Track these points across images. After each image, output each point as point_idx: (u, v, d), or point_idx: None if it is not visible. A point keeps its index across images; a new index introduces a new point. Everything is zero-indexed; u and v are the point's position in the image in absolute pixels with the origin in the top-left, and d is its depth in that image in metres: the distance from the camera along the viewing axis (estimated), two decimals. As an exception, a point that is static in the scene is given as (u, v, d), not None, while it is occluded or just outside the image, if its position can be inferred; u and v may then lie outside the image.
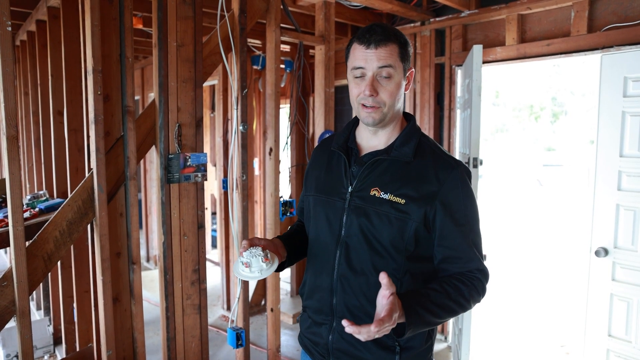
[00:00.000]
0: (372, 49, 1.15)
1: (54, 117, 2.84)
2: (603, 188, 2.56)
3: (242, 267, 1.17)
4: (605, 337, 2.59)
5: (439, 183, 1.16)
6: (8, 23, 1.70)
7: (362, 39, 1.16)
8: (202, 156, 2.31)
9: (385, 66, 1.15)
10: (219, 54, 2.40)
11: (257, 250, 1.18)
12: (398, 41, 1.17)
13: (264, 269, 1.17)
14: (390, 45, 1.15)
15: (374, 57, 1.15)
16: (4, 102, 1.73)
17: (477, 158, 2.65)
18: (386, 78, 1.16)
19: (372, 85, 1.15)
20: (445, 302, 1.12)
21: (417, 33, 3.51)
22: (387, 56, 1.15)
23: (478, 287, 1.17)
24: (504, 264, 5.92)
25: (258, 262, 1.16)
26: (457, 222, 1.17)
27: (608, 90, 2.51)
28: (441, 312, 1.11)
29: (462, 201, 1.17)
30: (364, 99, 1.17)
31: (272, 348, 2.91)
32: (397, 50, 1.16)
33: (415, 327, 1.06)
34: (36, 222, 2.15)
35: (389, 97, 1.17)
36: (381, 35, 1.15)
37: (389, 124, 1.23)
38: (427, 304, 1.09)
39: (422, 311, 1.07)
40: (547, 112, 22.02)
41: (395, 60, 1.16)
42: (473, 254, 1.18)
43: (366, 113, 1.19)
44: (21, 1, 3.03)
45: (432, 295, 1.11)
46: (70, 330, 2.87)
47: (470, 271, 1.18)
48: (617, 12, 2.63)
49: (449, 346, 3.43)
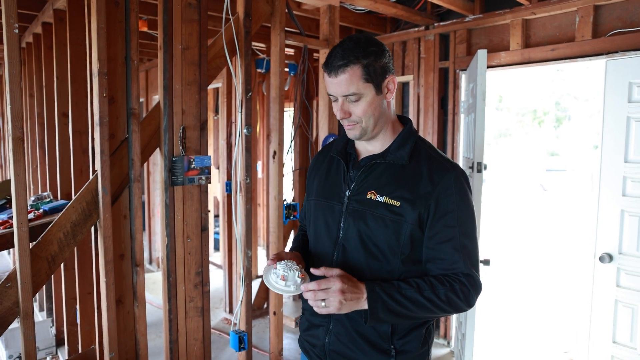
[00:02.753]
0: (334, 77, 1.16)
1: (59, 119, 2.85)
2: (607, 193, 2.55)
3: (276, 279, 1.14)
4: (610, 344, 2.57)
5: (433, 185, 1.17)
6: (15, 25, 1.71)
7: (326, 66, 1.18)
8: (206, 159, 2.32)
9: (348, 94, 1.16)
10: (224, 57, 2.41)
11: (292, 264, 1.16)
12: (359, 62, 1.14)
13: (298, 284, 1.13)
14: (350, 70, 1.14)
15: (336, 86, 1.17)
16: (10, 103, 1.73)
17: (481, 163, 2.64)
18: (355, 101, 1.18)
19: (342, 109, 1.19)
20: (414, 296, 1.11)
21: (421, 37, 3.52)
22: (347, 84, 1.15)
23: (459, 291, 1.13)
24: (508, 269, 5.89)
25: (294, 276, 1.14)
26: (447, 224, 1.16)
27: (613, 96, 2.50)
28: (410, 304, 1.11)
29: (455, 203, 1.17)
30: (341, 120, 1.22)
31: (275, 351, 2.90)
32: (360, 72, 1.14)
33: (378, 311, 1.09)
34: (40, 224, 2.15)
35: (362, 114, 1.19)
36: (340, 60, 1.14)
37: (377, 133, 1.25)
38: (394, 292, 1.10)
39: (386, 297, 1.09)
40: (550, 117, 22.00)
41: (359, 84, 1.15)
42: (459, 257, 1.16)
43: (348, 130, 1.24)
44: (28, 4, 3.05)
45: (402, 286, 1.12)
46: (73, 331, 2.87)
47: (455, 274, 1.16)
48: (622, 17, 2.63)
49: (451, 351, 3.41)
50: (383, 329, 1.21)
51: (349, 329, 1.23)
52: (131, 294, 2.20)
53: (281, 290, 1.13)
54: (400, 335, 1.22)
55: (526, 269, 5.98)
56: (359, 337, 1.22)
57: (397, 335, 1.22)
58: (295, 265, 1.16)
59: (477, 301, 1.19)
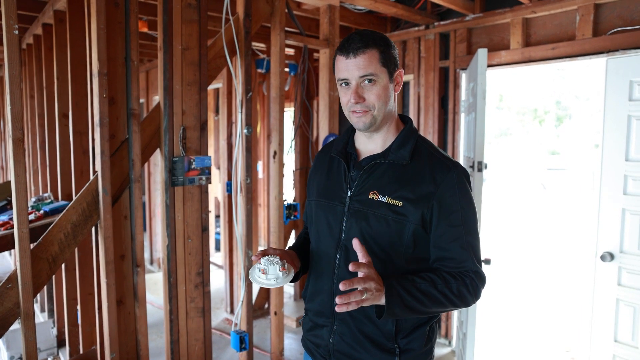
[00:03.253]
0: (352, 58, 1.17)
1: (60, 120, 2.85)
2: (608, 192, 2.54)
3: (259, 273, 1.17)
4: (612, 343, 2.56)
5: (436, 185, 1.17)
6: (15, 27, 1.71)
7: (342, 49, 1.19)
8: (206, 159, 2.32)
9: (366, 75, 1.16)
10: (224, 57, 2.41)
11: (274, 258, 1.19)
12: (377, 46, 1.17)
13: (280, 277, 1.17)
14: (369, 52, 1.16)
15: (354, 67, 1.17)
16: (10, 104, 1.73)
17: (481, 162, 2.64)
18: (370, 83, 1.17)
19: (356, 92, 1.18)
20: (430, 290, 1.12)
21: (422, 37, 3.51)
22: (366, 64, 1.16)
23: (469, 285, 1.16)
24: (509, 268, 5.89)
25: (275, 270, 1.16)
26: (452, 223, 1.17)
27: (613, 94, 2.50)
28: (425, 299, 1.11)
29: (459, 202, 1.18)
30: (352, 106, 1.20)
31: (276, 351, 2.90)
32: (377, 55, 1.17)
33: (395, 307, 1.08)
34: (41, 225, 2.15)
35: (376, 100, 1.18)
36: (359, 43, 1.16)
37: (382, 126, 1.24)
38: (410, 287, 1.10)
39: (404, 292, 1.08)
40: (551, 115, 21.99)
41: (376, 66, 1.17)
42: (467, 256, 1.18)
43: (356, 118, 1.21)
44: (28, 5, 3.05)
45: (417, 280, 1.13)
46: (74, 332, 2.87)
47: (466, 271, 1.18)
48: (622, 15, 2.62)
49: (453, 350, 3.41)
50: (387, 328, 1.21)
51: (353, 329, 1.23)
52: (132, 294, 2.20)
53: (262, 283, 1.16)
54: (404, 334, 1.22)
55: (527, 268, 5.97)
56: (363, 337, 1.22)
57: (401, 334, 1.22)
58: (278, 259, 1.18)
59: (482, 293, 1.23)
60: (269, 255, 1.20)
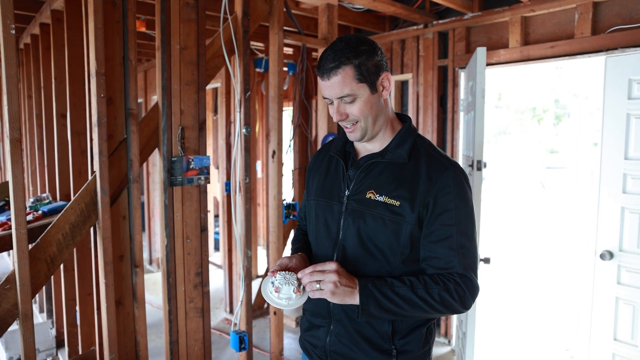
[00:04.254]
0: (326, 79, 1.15)
1: (57, 120, 2.84)
2: (608, 191, 2.54)
3: (272, 288, 1.11)
4: (611, 341, 2.57)
5: (431, 183, 1.16)
6: (12, 26, 1.71)
7: (318, 69, 1.17)
8: (205, 159, 2.31)
9: (342, 96, 1.15)
10: (222, 57, 2.40)
11: (292, 276, 1.12)
12: (350, 62, 1.12)
13: (292, 299, 1.10)
14: (342, 71, 1.13)
15: (330, 88, 1.16)
16: (7, 105, 1.73)
17: (480, 161, 2.63)
18: (350, 102, 1.17)
19: (338, 111, 1.18)
20: (407, 295, 1.10)
21: (420, 35, 3.51)
22: (341, 86, 1.14)
23: (453, 291, 1.11)
24: (508, 267, 5.89)
25: (289, 290, 1.10)
26: (444, 222, 1.15)
27: (612, 93, 2.49)
28: (402, 303, 1.10)
29: (453, 201, 1.15)
30: (340, 123, 1.21)
31: (275, 351, 2.90)
32: (352, 72, 1.13)
33: (370, 307, 1.09)
34: (39, 225, 2.15)
35: (359, 114, 1.18)
36: (332, 63, 1.13)
37: (378, 132, 1.24)
38: (386, 290, 1.10)
39: (378, 294, 1.09)
40: (550, 114, 22.00)
41: (352, 85, 1.14)
42: (454, 257, 1.14)
43: (348, 132, 1.23)
44: (25, 5, 3.04)
45: (395, 283, 1.12)
46: (73, 333, 2.87)
47: (450, 274, 1.14)
48: (621, 14, 2.62)
49: (452, 350, 3.41)
50: (384, 329, 1.20)
51: (350, 330, 1.23)
52: (131, 295, 2.20)
53: (272, 301, 1.11)
54: (401, 335, 1.21)
55: (526, 266, 5.97)
56: (359, 337, 1.22)
57: (398, 335, 1.21)
58: (294, 279, 1.12)
59: (473, 304, 1.17)
60: (286, 272, 1.13)
